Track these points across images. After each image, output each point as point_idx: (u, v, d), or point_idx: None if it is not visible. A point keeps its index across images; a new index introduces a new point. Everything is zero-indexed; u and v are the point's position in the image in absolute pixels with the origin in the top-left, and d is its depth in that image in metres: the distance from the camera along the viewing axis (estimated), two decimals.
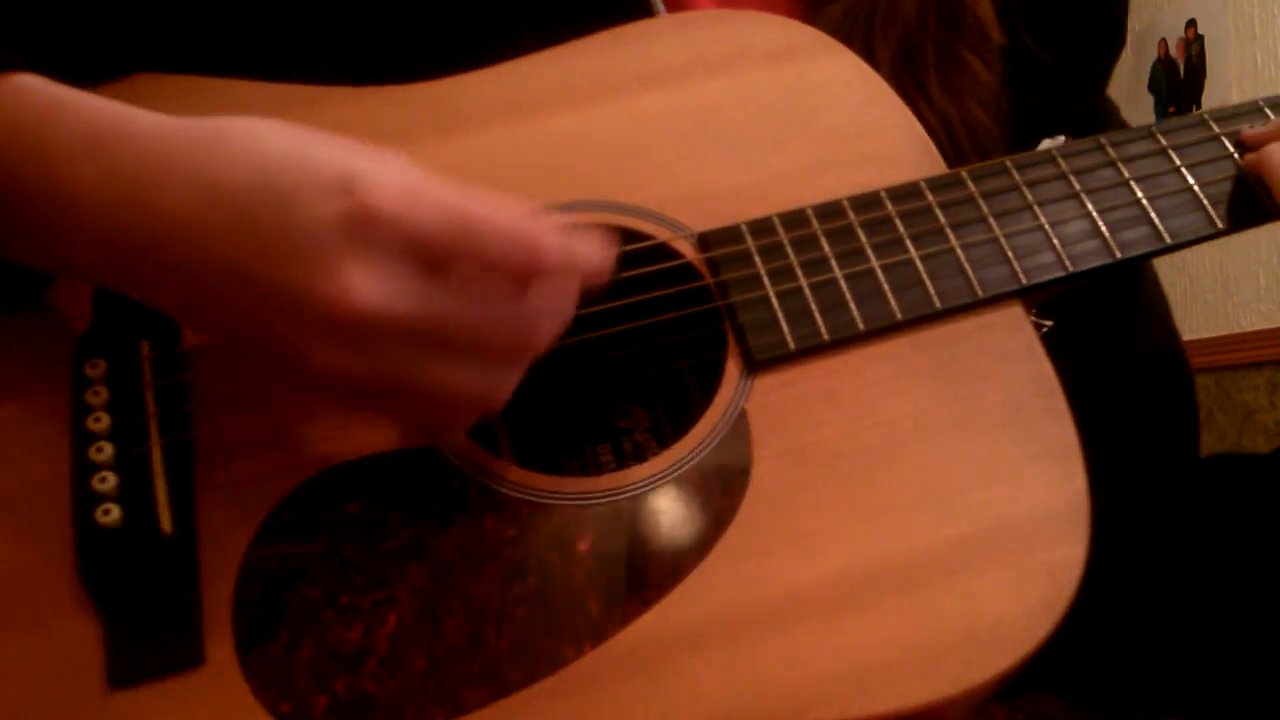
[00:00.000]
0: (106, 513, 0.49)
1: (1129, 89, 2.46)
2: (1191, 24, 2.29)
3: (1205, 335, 2.25)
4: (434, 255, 0.42)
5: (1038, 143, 0.64)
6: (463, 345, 0.44)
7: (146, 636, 0.47)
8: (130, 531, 0.49)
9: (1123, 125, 0.77)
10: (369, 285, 0.41)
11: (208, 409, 0.53)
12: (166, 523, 0.49)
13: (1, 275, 0.49)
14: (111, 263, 0.46)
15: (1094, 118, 0.76)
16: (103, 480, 0.49)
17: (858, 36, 0.71)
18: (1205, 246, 0.58)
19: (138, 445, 0.51)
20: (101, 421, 0.51)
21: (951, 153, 0.69)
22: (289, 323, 0.42)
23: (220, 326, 0.46)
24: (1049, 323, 0.63)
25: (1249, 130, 0.59)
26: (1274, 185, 0.56)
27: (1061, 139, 0.63)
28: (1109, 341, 0.76)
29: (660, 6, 0.70)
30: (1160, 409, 0.77)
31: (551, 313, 0.46)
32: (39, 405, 0.52)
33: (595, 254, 0.46)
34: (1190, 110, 2.21)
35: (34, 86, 0.47)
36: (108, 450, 0.50)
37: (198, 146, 0.43)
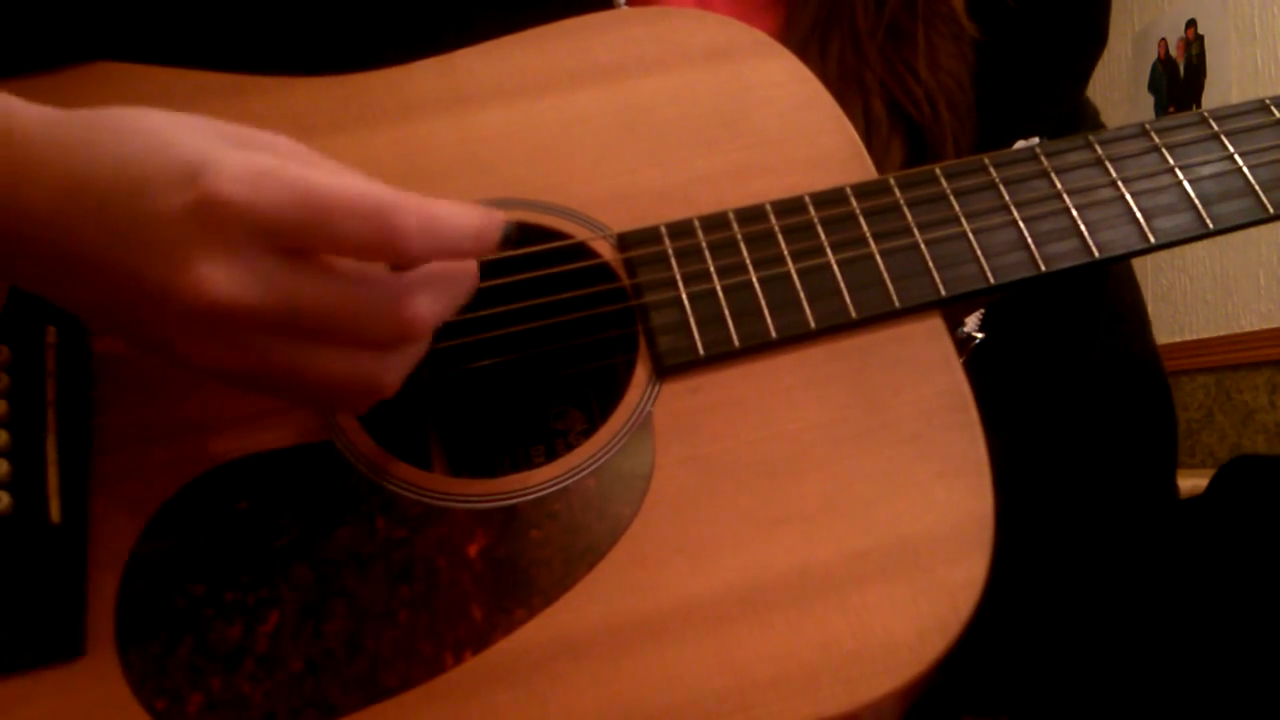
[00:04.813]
0: None
1: (1129, 89, 2.43)
2: (1191, 24, 2.25)
3: (1205, 335, 2.23)
4: (288, 240, 0.41)
5: (1012, 143, 0.63)
6: (331, 333, 0.43)
7: (28, 624, 0.47)
8: (18, 519, 0.49)
9: (1101, 127, 0.75)
10: (221, 276, 0.40)
11: (112, 396, 0.53)
12: (56, 512, 0.49)
13: None
14: None
15: (1072, 118, 0.74)
16: None
17: (842, 27, 0.70)
18: (1205, 246, 0.56)
19: (35, 432, 0.51)
20: None
21: (937, 133, 0.68)
22: (155, 316, 0.42)
23: (100, 318, 0.46)
24: (980, 335, 0.62)
25: None
26: None
27: (1036, 140, 0.62)
28: (1073, 346, 0.74)
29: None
30: (1132, 415, 0.75)
31: (430, 294, 0.44)
32: None
33: (466, 222, 0.43)
34: (1190, 110, 2.20)
35: None
36: (2, 437, 0.50)
37: (68, 141, 0.42)
